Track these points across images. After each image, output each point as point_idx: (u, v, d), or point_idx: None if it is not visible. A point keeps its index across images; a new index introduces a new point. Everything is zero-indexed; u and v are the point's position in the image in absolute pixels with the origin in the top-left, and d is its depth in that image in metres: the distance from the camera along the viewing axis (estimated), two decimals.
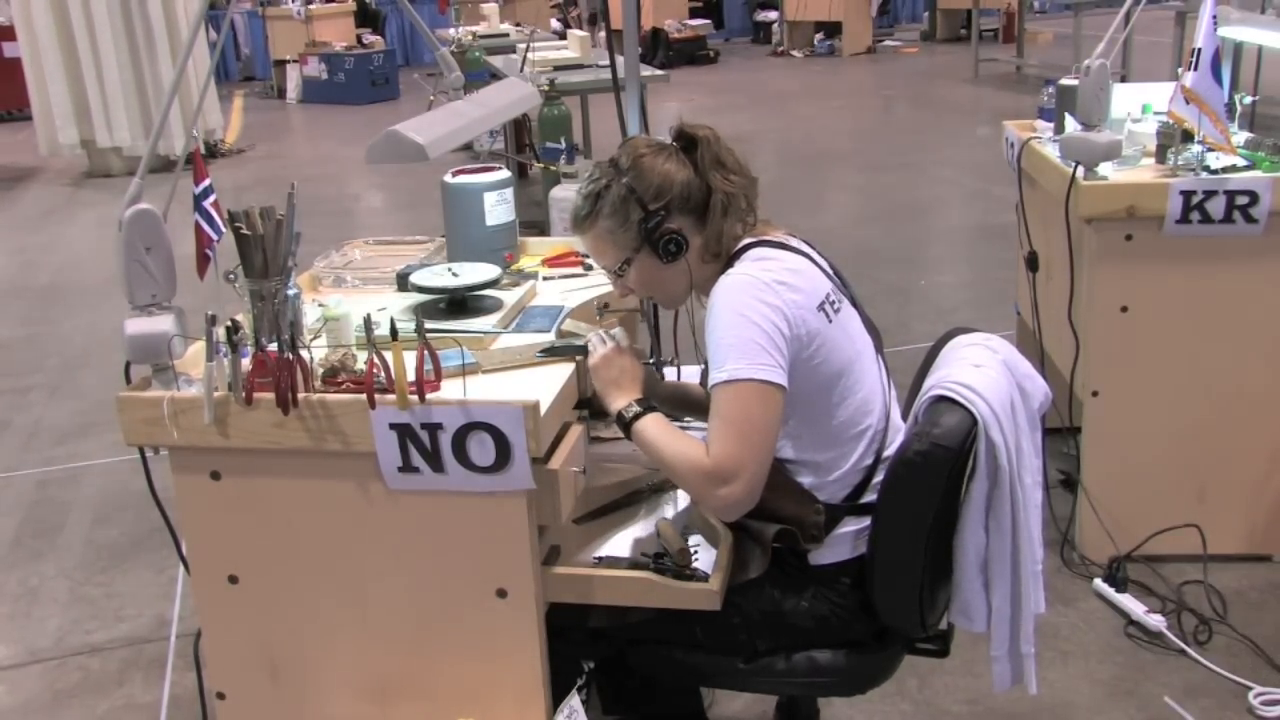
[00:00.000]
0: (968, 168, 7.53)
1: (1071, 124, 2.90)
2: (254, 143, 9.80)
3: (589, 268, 2.32)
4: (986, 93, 10.68)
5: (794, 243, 1.84)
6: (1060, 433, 3.22)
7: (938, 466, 1.68)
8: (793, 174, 7.56)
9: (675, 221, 1.79)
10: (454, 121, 2.04)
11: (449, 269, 2.13)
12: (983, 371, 1.76)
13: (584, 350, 1.85)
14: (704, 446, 1.65)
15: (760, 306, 1.67)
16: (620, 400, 1.78)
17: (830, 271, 1.87)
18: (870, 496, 1.80)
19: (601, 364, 1.81)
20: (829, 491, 1.80)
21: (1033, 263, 3.20)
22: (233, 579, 1.82)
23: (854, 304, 1.87)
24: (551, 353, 1.88)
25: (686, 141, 1.82)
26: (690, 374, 2.15)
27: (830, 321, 1.74)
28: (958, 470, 1.71)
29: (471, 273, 2.10)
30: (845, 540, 1.80)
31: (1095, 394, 2.88)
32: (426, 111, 2.05)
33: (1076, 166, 2.76)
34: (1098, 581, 2.87)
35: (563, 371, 1.83)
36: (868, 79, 12.15)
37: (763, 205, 1.87)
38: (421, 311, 2.05)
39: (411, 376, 1.63)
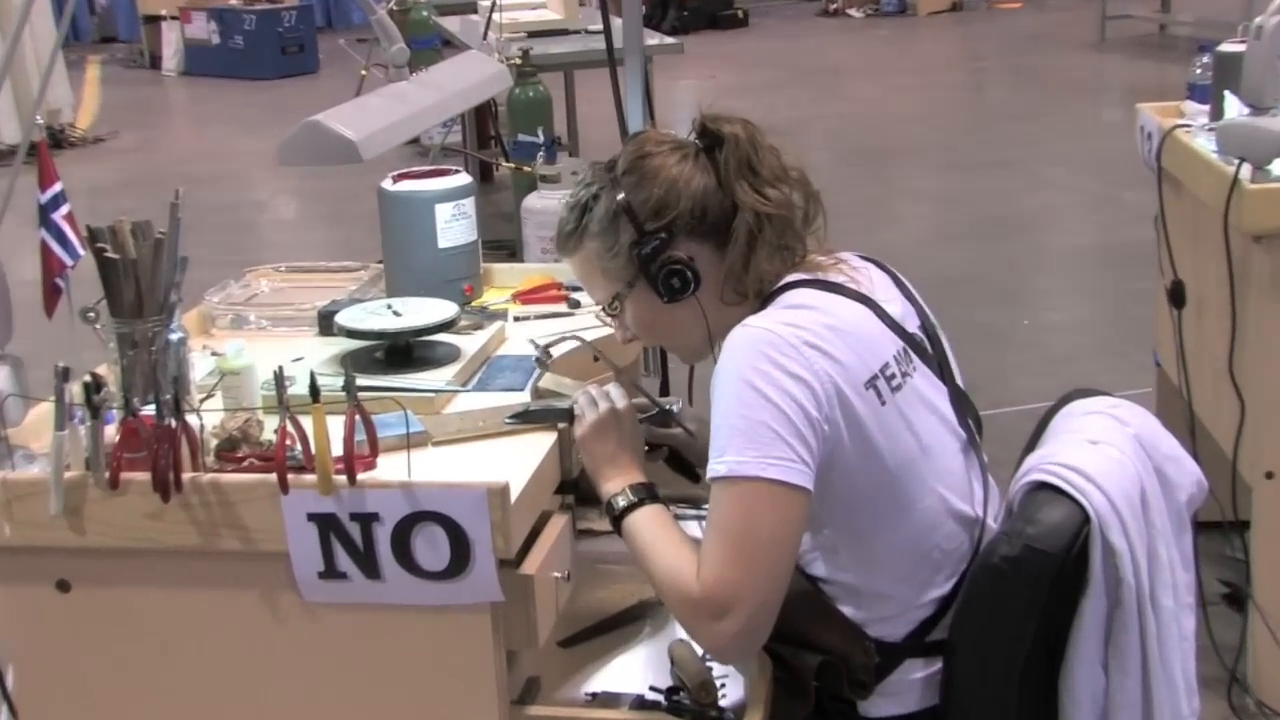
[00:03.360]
0: (1088, 167, 7.58)
1: (1234, 106, 2.93)
2: (117, 129, 9.78)
3: (575, 304, 2.35)
4: (1116, 62, 10.76)
5: (862, 281, 1.82)
6: (1221, 528, 3.22)
7: (1033, 578, 1.69)
8: (848, 177, 7.61)
9: (682, 247, 1.79)
10: (395, 109, 2.08)
11: (389, 306, 2.16)
12: (1101, 450, 1.76)
13: (569, 415, 1.87)
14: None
15: (779, 376, 1.65)
16: (613, 483, 1.79)
17: (917, 324, 1.86)
18: (945, 634, 1.80)
19: (592, 434, 1.83)
20: (882, 627, 1.80)
21: (1178, 296, 3.22)
22: None
23: (941, 373, 1.85)
24: (526, 418, 1.90)
25: (711, 139, 1.83)
26: None
27: (883, 404, 1.72)
28: (1063, 584, 1.70)
29: (419, 311, 2.12)
30: (911, 688, 1.81)
31: (1269, 475, 2.88)
32: (358, 95, 2.08)
33: (1240, 165, 2.77)
34: None
35: (541, 444, 1.85)
36: (951, 47, 12.25)
37: None
38: (352, 363, 2.06)
39: (338, 450, 1.65)
